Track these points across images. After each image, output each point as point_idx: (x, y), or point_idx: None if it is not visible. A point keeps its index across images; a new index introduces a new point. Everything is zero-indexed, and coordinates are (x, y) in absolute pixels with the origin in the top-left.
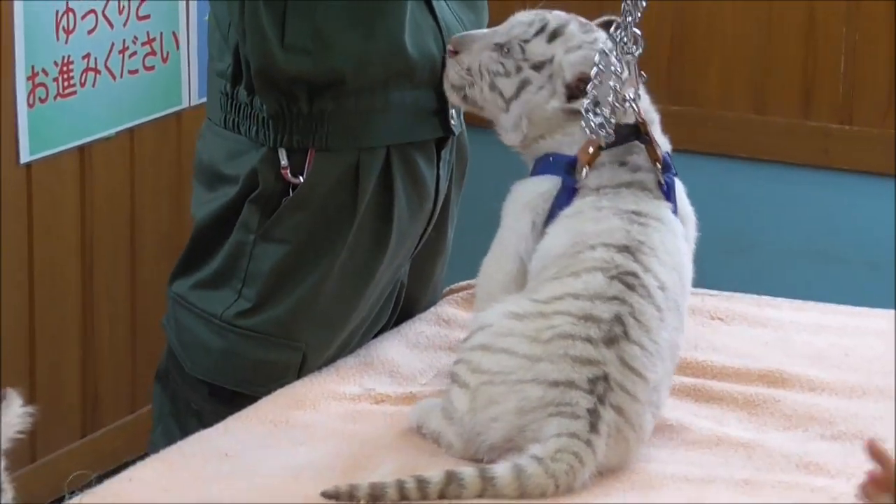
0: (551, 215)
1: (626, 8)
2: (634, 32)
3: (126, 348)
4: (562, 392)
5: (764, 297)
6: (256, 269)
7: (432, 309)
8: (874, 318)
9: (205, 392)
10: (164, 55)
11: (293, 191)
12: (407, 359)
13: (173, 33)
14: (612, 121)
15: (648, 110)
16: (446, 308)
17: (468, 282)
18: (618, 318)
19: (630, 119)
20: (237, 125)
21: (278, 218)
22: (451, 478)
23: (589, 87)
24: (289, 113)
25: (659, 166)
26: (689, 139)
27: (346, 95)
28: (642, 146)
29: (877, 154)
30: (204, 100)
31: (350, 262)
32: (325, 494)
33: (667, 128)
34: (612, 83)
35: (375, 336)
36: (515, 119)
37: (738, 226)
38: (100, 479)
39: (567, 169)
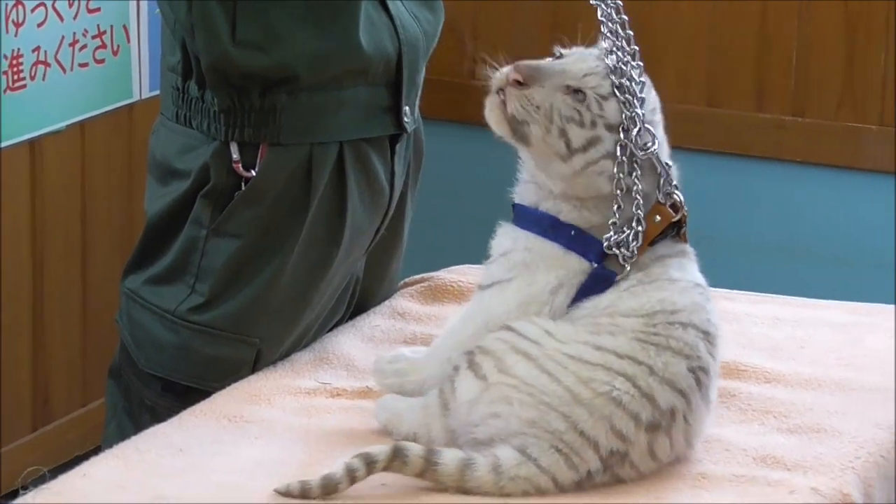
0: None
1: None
2: (649, 130)
3: (77, 343)
4: (581, 442)
5: (719, 290)
6: (209, 264)
7: (387, 302)
8: (830, 310)
9: (158, 388)
10: (115, 48)
11: (245, 185)
12: (362, 353)
13: (124, 26)
14: (634, 245)
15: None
16: (401, 301)
17: (423, 275)
18: (672, 413)
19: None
20: (189, 120)
21: (230, 212)
22: (396, 454)
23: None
24: (241, 107)
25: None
26: None
27: (299, 91)
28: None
29: (829, 146)
30: (155, 93)
31: (304, 257)
32: (279, 492)
33: None
34: (635, 199)
35: (331, 330)
36: (573, 172)
37: (693, 218)
38: (53, 473)
39: (596, 257)
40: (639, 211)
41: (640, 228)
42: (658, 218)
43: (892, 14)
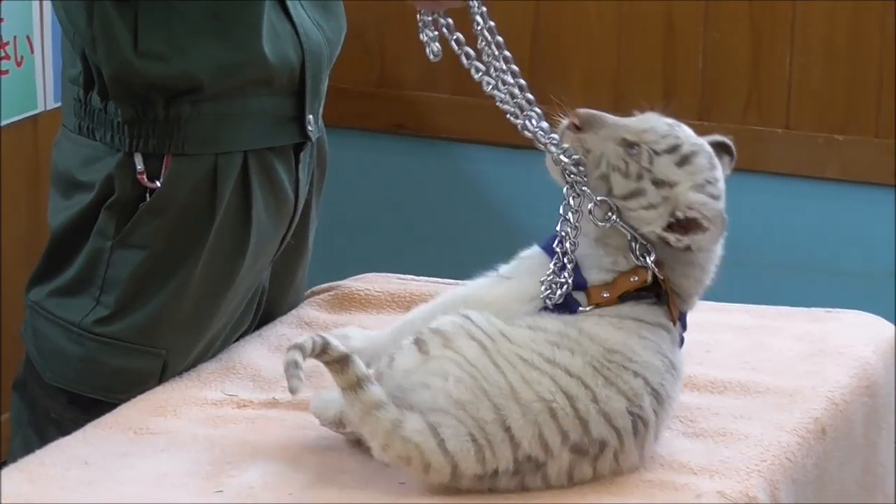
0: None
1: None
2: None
3: None
4: (502, 438)
5: None
6: (114, 276)
7: (294, 311)
8: (734, 314)
9: (64, 400)
10: (19, 59)
11: (150, 196)
12: (269, 362)
13: (27, 37)
14: (560, 292)
15: None
16: (308, 310)
17: (330, 284)
18: (602, 445)
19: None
20: (92, 131)
21: (135, 224)
22: (343, 358)
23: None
24: (144, 118)
25: (678, 324)
26: None
27: (203, 101)
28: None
29: (737, 150)
30: (60, 104)
31: (210, 268)
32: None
33: None
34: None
35: (237, 340)
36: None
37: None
38: None
39: (577, 285)
40: (568, 259)
41: (567, 278)
42: (635, 278)
43: (796, 16)
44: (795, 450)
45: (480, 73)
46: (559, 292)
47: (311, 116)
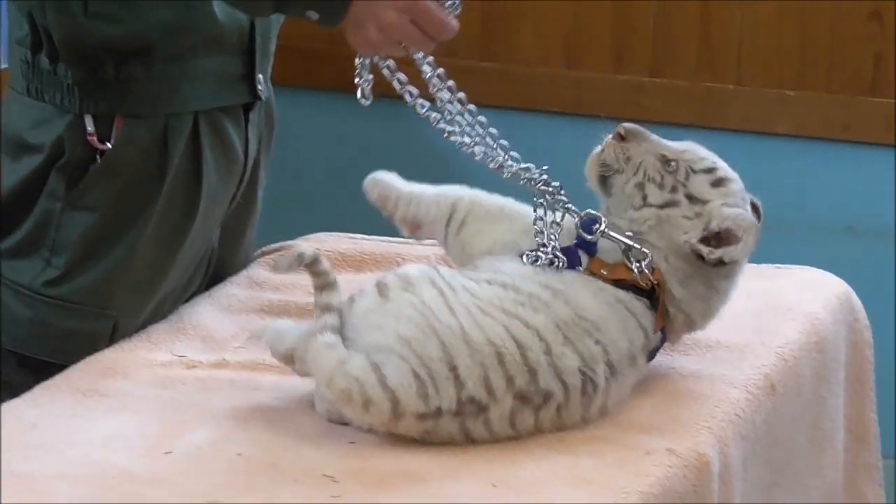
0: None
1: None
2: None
3: None
4: (447, 376)
5: None
6: (65, 238)
7: (244, 272)
8: None
9: (14, 363)
10: None
11: (100, 158)
12: (219, 323)
13: None
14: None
15: None
16: (258, 271)
17: (280, 244)
18: (547, 396)
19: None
20: (41, 93)
21: (86, 185)
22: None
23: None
24: (95, 79)
25: (659, 334)
26: (504, 95)
27: (154, 62)
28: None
29: (687, 106)
30: (7, 66)
31: (160, 228)
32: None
33: (481, 84)
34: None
35: (187, 301)
36: (642, 218)
37: (553, 180)
38: None
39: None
40: (552, 241)
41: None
42: (635, 271)
43: None
44: (745, 406)
45: (425, 109)
46: (556, 264)
47: (260, 76)
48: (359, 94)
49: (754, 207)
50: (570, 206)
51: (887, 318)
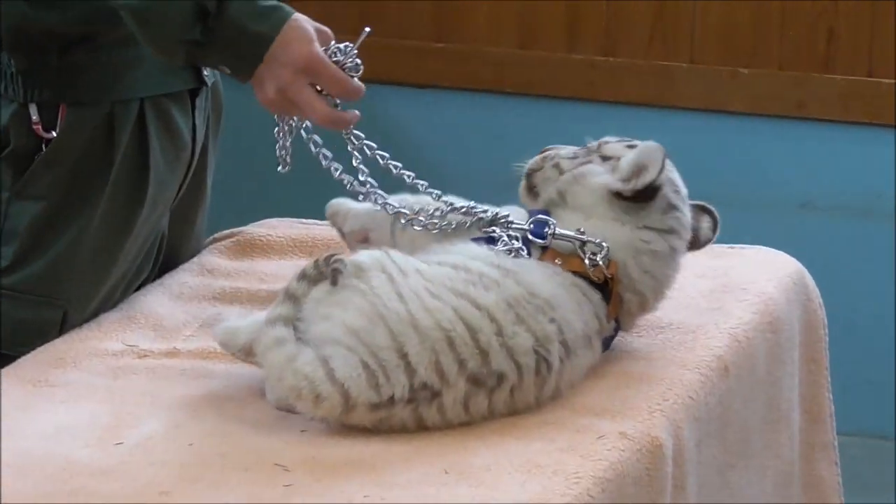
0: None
1: None
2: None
3: None
4: (397, 363)
5: None
6: (12, 228)
7: (195, 259)
8: None
9: None
10: None
11: (46, 147)
12: (170, 311)
13: None
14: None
15: None
16: (209, 257)
17: (231, 230)
18: (500, 378)
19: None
20: None
21: (32, 175)
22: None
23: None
24: (39, 68)
25: (613, 323)
26: (456, 75)
27: (97, 49)
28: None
29: (640, 85)
30: None
31: (108, 216)
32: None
33: (433, 64)
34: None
35: (138, 289)
36: (563, 183)
37: (503, 159)
38: None
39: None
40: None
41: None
42: (589, 265)
43: None
44: (698, 388)
45: (339, 171)
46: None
47: None
48: (278, 161)
49: (707, 211)
50: (519, 225)
51: (841, 295)
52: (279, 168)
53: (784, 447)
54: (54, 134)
